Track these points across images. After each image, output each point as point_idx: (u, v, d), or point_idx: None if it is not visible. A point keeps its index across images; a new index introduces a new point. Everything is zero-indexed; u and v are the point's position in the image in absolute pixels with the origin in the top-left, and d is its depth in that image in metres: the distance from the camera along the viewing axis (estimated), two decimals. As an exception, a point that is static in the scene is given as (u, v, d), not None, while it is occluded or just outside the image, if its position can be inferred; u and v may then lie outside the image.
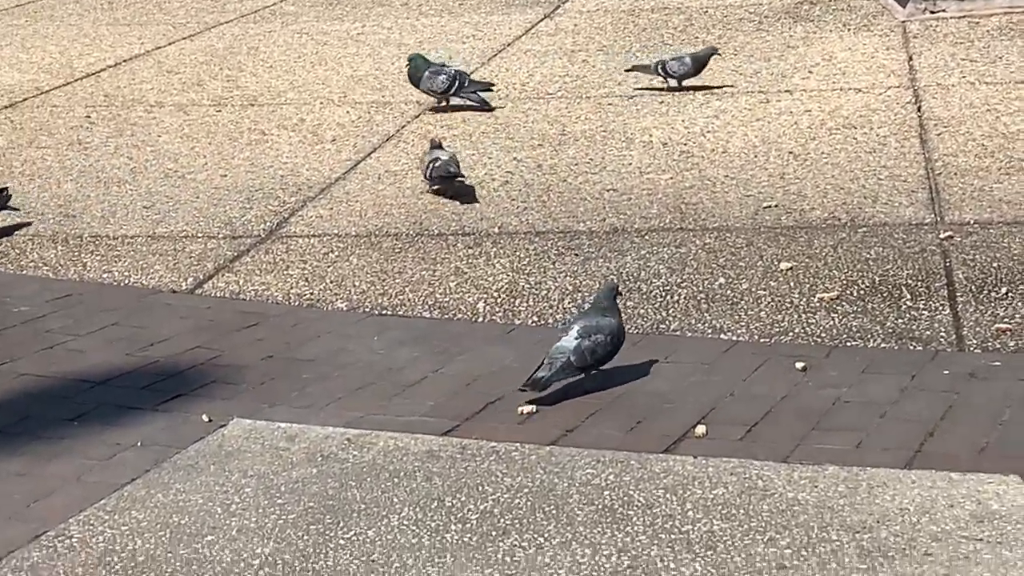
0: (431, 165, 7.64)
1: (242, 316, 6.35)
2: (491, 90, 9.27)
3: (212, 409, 5.38)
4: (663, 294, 6.28)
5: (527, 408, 5.27)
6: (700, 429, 5.04)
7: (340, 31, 11.61)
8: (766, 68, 9.73)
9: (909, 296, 6.06)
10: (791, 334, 5.83)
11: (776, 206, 7.20)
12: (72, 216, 7.70)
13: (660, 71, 9.29)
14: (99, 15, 12.81)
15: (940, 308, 5.92)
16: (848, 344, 5.70)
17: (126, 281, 6.83)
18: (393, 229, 7.27)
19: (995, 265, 6.30)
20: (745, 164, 7.88)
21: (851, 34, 10.47)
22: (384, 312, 6.34)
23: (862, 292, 6.15)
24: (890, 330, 5.77)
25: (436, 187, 7.69)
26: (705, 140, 8.34)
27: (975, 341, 5.62)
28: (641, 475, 4.74)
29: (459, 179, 7.63)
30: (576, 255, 6.78)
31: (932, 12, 10.81)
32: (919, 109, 8.57)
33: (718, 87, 9.34)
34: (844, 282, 6.26)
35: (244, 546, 4.42)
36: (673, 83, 9.31)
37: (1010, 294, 6.00)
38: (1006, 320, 5.77)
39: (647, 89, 9.39)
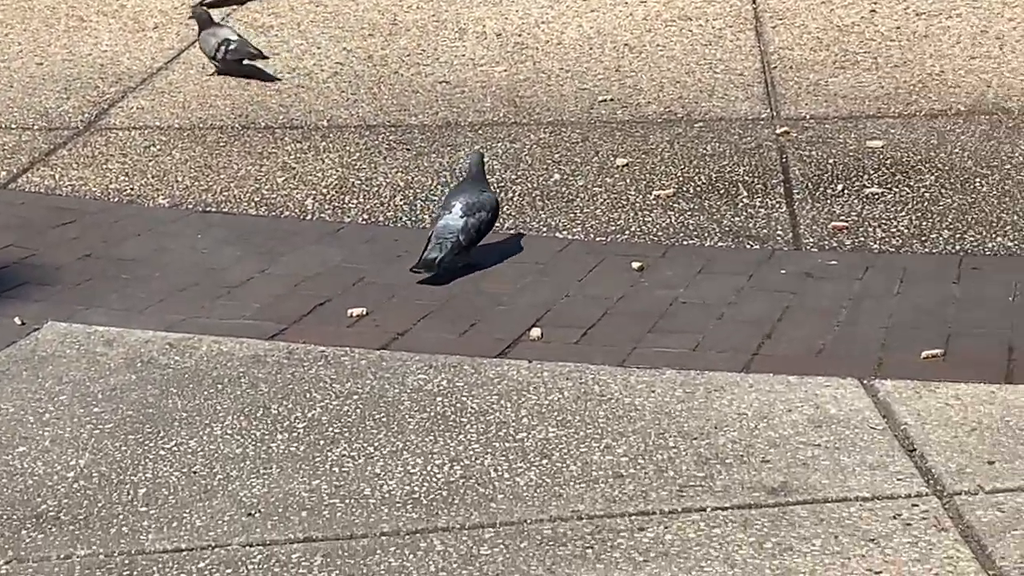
0: (223, 47, 7.43)
1: (58, 213, 6.08)
2: None
3: (25, 311, 5.13)
4: (499, 190, 6.12)
5: (357, 310, 5.10)
6: (535, 332, 4.91)
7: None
8: (601, -43, 9.56)
9: (746, 193, 5.97)
10: (627, 233, 5.71)
11: (612, 100, 7.07)
12: None
13: None
14: None
15: (777, 206, 5.84)
16: (685, 243, 5.59)
17: (-66, 175, 6.53)
18: (218, 122, 7.02)
19: (831, 161, 6.23)
20: (580, 56, 7.73)
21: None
22: (208, 209, 6.10)
23: (699, 189, 6.04)
24: (727, 228, 5.68)
25: (226, 70, 7.54)
26: (540, 31, 8.16)
27: (812, 239, 5.55)
28: (475, 380, 4.60)
29: (264, 59, 7.49)
30: (408, 150, 6.60)
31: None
32: (754, 1, 8.46)
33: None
34: (680, 179, 6.15)
35: (58, 457, 4.20)
36: None
37: (846, 191, 5.93)
38: (842, 218, 5.70)
39: None
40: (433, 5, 8.68)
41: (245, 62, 7.53)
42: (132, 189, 6.30)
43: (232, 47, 7.47)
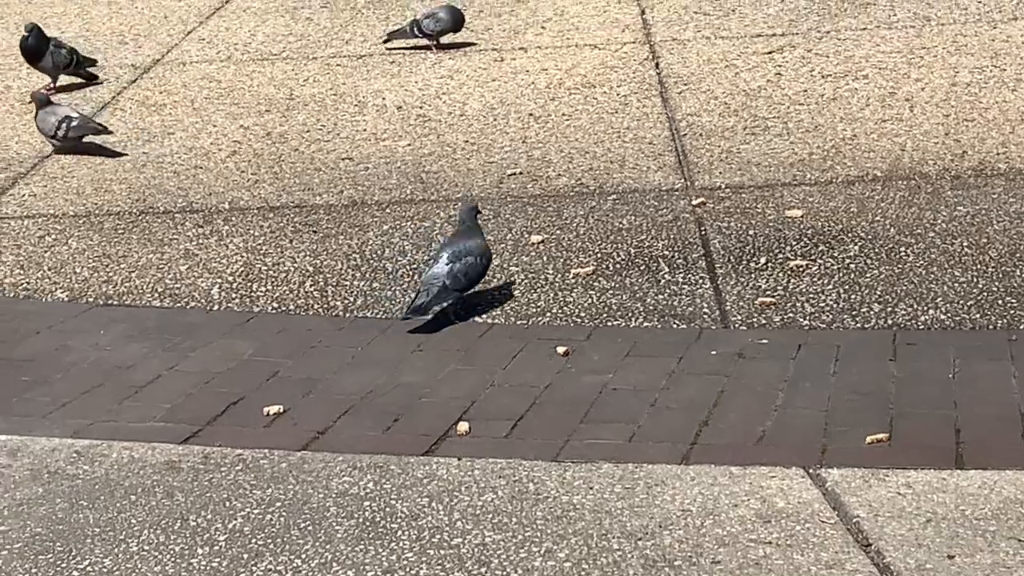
0: (63, 124, 7.26)
1: (-49, 311, 5.81)
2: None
3: (-79, 421, 4.86)
4: (410, 273, 5.93)
5: (273, 408, 4.87)
6: (462, 426, 4.70)
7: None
8: (497, 24, 9.41)
9: (667, 269, 5.81)
10: (549, 315, 5.53)
11: (521, 173, 6.90)
12: None
13: (416, 31, 8.82)
14: None
15: (700, 281, 5.68)
16: (609, 324, 5.41)
17: None
18: (115, 207, 6.76)
19: (751, 232, 6.09)
20: (485, 128, 7.56)
21: (581, -13, 10.20)
22: (110, 302, 5.85)
23: (618, 266, 5.88)
24: (651, 307, 5.51)
25: (67, 148, 7.41)
26: (441, 103, 7.99)
27: (739, 317, 5.39)
28: (403, 481, 4.39)
29: (106, 133, 7.37)
30: (315, 232, 6.38)
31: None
32: (657, 66, 8.35)
33: (449, 45, 8.98)
34: (599, 255, 5.98)
35: (-35, 585, 3.94)
36: (430, 41, 8.89)
37: (769, 264, 5.79)
38: (768, 293, 5.55)
39: (397, 50, 8.96)
40: (330, 78, 8.48)
41: (87, 138, 7.37)
42: (28, 283, 6.03)
43: (74, 124, 7.30)
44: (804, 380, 4.87)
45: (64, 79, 8.42)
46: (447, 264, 5.42)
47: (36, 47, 8.23)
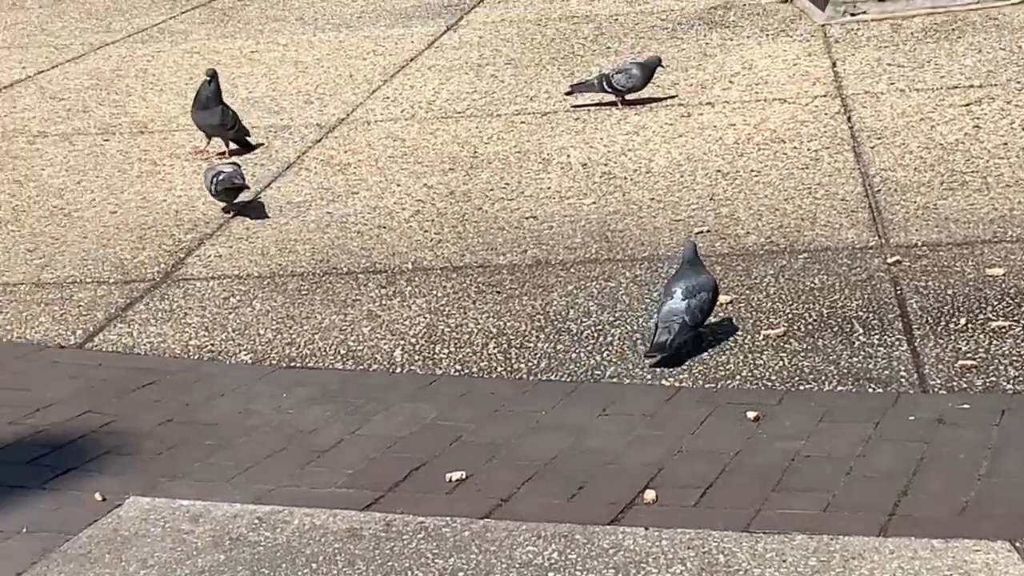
0: (214, 179, 7.31)
1: (137, 374, 5.79)
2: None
3: (106, 486, 4.83)
4: (595, 334, 5.80)
5: (456, 474, 4.76)
6: (649, 494, 4.55)
7: (233, 49, 11.02)
8: (684, 79, 9.27)
9: (862, 330, 5.60)
10: (738, 378, 5.36)
11: (708, 231, 6.74)
12: (-52, 263, 7.12)
13: (605, 85, 8.74)
14: (-24, 38, 12.15)
15: (896, 343, 5.47)
16: (801, 387, 5.23)
17: (8, 336, 6.25)
18: (299, 268, 6.74)
19: (950, 292, 5.86)
20: (671, 185, 7.42)
21: (770, 40, 10.02)
22: (293, 364, 5.80)
23: (810, 327, 5.69)
24: (845, 370, 5.31)
25: (223, 202, 7.45)
26: (627, 159, 7.86)
27: (939, 380, 5.17)
28: (588, 552, 4.25)
29: (245, 190, 7.38)
30: (498, 292, 6.28)
31: (852, 15, 10.39)
32: (849, 119, 8.14)
33: (634, 101, 8.85)
34: (790, 316, 5.80)
35: (144, 656, 3.88)
36: (616, 97, 8.76)
37: (970, 325, 5.56)
38: (969, 355, 5.32)
39: (582, 106, 8.87)
40: (514, 136, 8.40)
41: (240, 197, 7.48)
42: (213, 344, 6.02)
43: (221, 178, 7.33)
44: (1009, 447, 4.64)
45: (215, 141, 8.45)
46: (683, 300, 5.53)
47: (216, 95, 8.26)
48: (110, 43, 11.55)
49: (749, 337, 5.66)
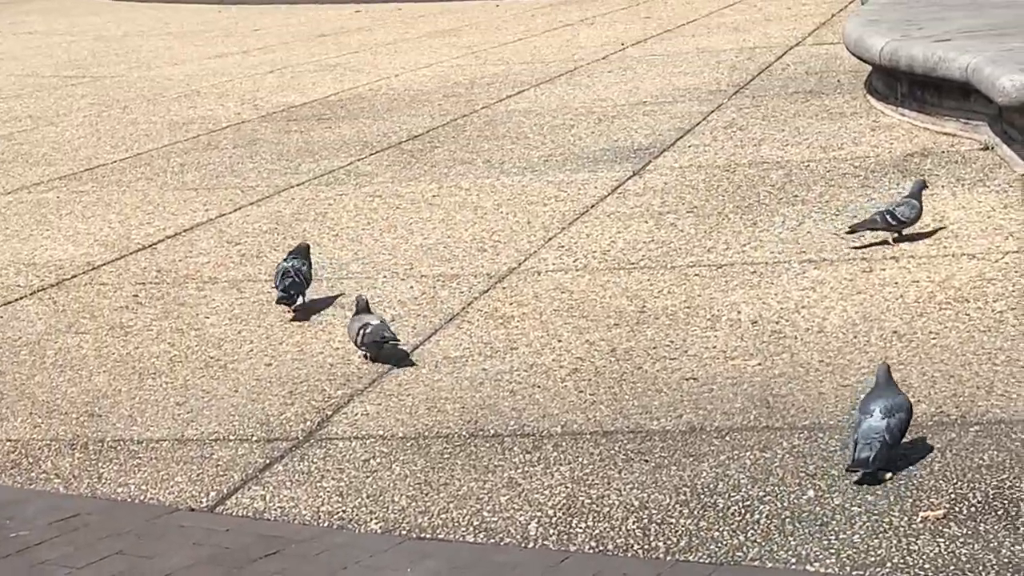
0: (361, 331, 7.21)
1: (263, 542, 5.59)
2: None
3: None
4: (742, 511, 5.46)
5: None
6: None
7: (415, 193, 10.91)
8: (870, 232, 8.87)
9: (1029, 515, 5.18)
10: (889, 564, 4.96)
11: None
12: (98, 415, 7.01)
13: (890, 220, 8.50)
14: (167, 179, 12.17)
15: (1067, 533, 5.04)
16: (956, 579, 4.83)
17: (142, 497, 6.11)
18: (444, 429, 6.50)
19: None
20: (843, 346, 7.04)
21: (965, 191, 9.58)
22: (423, 535, 5.55)
23: (973, 510, 5.28)
24: (1006, 560, 4.89)
25: (369, 355, 7.34)
26: (799, 317, 7.51)
27: (1109, 577, 4.74)
28: None
29: (392, 344, 7.24)
30: (646, 461, 5.97)
31: (1054, 163, 9.91)
32: (1039, 277, 7.70)
33: (817, 255, 8.51)
34: (953, 496, 5.39)
35: None
36: (892, 233, 8.59)
37: None
38: None
39: (865, 246, 8.55)
40: (685, 289, 8.11)
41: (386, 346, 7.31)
42: (345, 511, 5.80)
43: (368, 331, 7.22)
44: None
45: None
46: (883, 419, 5.62)
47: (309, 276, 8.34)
48: (295, 185, 11.52)
49: (906, 519, 5.26)
